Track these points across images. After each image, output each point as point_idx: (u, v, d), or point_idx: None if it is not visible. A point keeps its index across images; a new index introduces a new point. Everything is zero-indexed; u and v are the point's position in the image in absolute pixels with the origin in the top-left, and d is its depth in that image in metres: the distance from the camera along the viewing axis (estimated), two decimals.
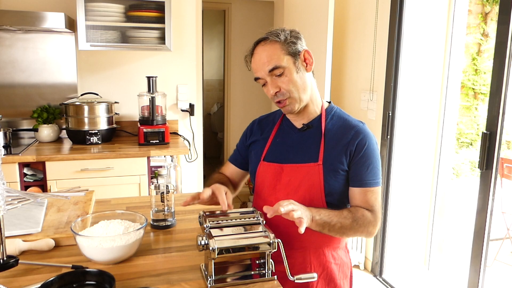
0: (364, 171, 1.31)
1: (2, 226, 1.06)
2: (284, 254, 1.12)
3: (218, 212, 1.23)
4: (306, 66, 1.33)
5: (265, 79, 1.31)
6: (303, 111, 1.37)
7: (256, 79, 1.33)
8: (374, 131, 3.03)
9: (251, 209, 1.26)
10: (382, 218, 3.06)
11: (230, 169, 1.56)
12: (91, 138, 2.86)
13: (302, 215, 1.14)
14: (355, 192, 1.33)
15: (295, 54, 1.30)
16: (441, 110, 3.00)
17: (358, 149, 1.31)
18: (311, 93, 1.35)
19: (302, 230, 1.12)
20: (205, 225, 1.15)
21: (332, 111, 1.40)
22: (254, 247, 1.11)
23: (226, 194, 1.27)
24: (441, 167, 3.08)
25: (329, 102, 1.44)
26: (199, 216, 1.21)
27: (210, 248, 1.06)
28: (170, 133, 3.12)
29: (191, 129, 3.44)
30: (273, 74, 1.29)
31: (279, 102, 1.32)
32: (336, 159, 1.31)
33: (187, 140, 3.37)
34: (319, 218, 1.22)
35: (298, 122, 1.40)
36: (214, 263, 1.09)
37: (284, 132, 1.42)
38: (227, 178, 1.55)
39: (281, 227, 1.32)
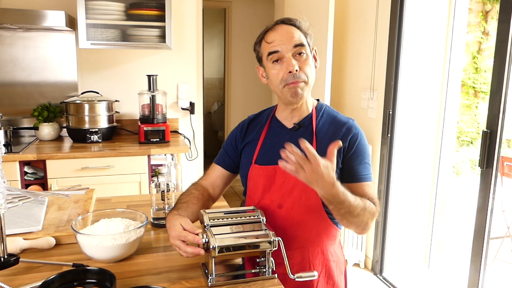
0: (358, 166, 1.30)
1: (3, 224, 1.06)
2: (284, 252, 1.13)
3: (218, 210, 1.23)
4: (314, 63, 1.35)
5: (284, 55, 1.27)
6: (297, 109, 1.36)
7: (271, 53, 1.29)
8: (375, 130, 3.04)
9: (251, 207, 1.26)
10: (383, 217, 3.07)
11: (217, 172, 1.47)
12: (92, 137, 2.86)
13: (298, 168, 1.07)
14: (352, 188, 1.28)
15: (310, 46, 1.32)
16: (442, 109, 3.00)
17: (351, 145, 1.31)
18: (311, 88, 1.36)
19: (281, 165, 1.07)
20: (205, 224, 1.15)
21: (321, 109, 1.39)
22: (255, 245, 1.11)
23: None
24: (441, 166, 3.08)
25: (318, 100, 1.44)
26: (200, 215, 1.21)
27: (211, 247, 1.06)
28: (171, 131, 3.12)
29: (192, 128, 3.44)
30: (296, 52, 1.28)
31: (292, 82, 1.28)
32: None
33: (187, 139, 3.37)
34: (343, 198, 1.14)
35: (289, 122, 1.38)
36: (214, 261, 1.09)
37: (274, 133, 1.40)
38: (198, 199, 1.37)
39: (279, 228, 1.32)
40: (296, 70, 1.27)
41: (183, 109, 3.38)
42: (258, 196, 1.37)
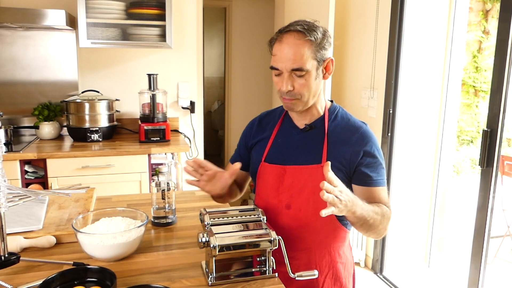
0: (371, 171, 1.29)
1: (3, 223, 1.06)
2: (285, 251, 1.13)
3: (218, 209, 1.23)
4: (325, 74, 1.30)
5: (282, 73, 1.26)
6: (306, 111, 1.34)
7: (272, 68, 1.29)
8: (375, 129, 3.03)
9: (251, 206, 1.26)
10: None
11: None
12: (92, 136, 2.86)
13: (336, 203, 1.09)
14: (366, 192, 1.29)
15: (320, 60, 1.26)
16: (442, 108, 3.00)
17: (366, 153, 1.28)
18: (318, 96, 1.33)
19: (323, 213, 1.07)
20: (206, 222, 1.15)
21: (335, 111, 1.37)
22: (255, 244, 1.11)
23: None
24: (441, 165, 3.08)
25: (331, 101, 1.42)
26: (200, 214, 1.22)
27: (211, 245, 1.06)
28: (171, 130, 3.12)
29: (192, 127, 3.44)
30: (293, 73, 1.24)
31: (285, 98, 1.29)
32: (340, 161, 1.28)
33: (187, 138, 3.37)
34: (360, 213, 1.18)
35: (300, 122, 1.37)
36: (215, 260, 1.09)
37: (285, 132, 1.39)
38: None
39: (286, 228, 1.32)
40: (290, 90, 1.26)
41: (183, 108, 3.38)
42: (266, 194, 1.38)
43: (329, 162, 1.12)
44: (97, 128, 2.87)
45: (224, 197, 1.48)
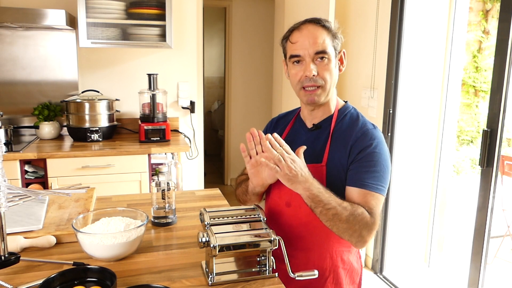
0: (364, 173, 1.23)
1: (3, 223, 1.06)
2: (285, 251, 1.12)
3: (218, 209, 1.23)
4: (339, 66, 1.34)
5: (305, 59, 1.27)
6: (319, 108, 1.35)
7: (292, 56, 1.29)
8: None
9: (251, 206, 1.26)
10: (383, 215, 3.07)
11: None
12: (92, 135, 2.86)
13: (283, 166, 1.15)
14: (353, 192, 1.24)
15: (336, 50, 1.30)
16: (442, 108, 3.00)
17: (362, 150, 1.25)
18: (333, 89, 1.35)
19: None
20: (205, 222, 1.15)
21: (345, 111, 1.36)
22: (255, 244, 1.11)
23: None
24: (441, 165, 3.08)
25: (346, 102, 1.41)
26: (200, 213, 1.22)
27: (211, 245, 1.06)
28: (171, 130, 3.12)
29: (192, 127, 3.44)
30: (316, 57, 1.27)
31: (308, 87, 1.28)
32: (339, 160, 1.27)
33: (187, 138, 3.37)
34: (316, 193, 1.17)
35: (310, 122, 1.38)
36: (215, 260, 1.09)
37: (295, 132, 1.40)
38: None
39: (286, 226, 1.32)
40: (314, 75, 1.27)
41: (183, 108, 3.39)
42: (271, 191, 1.39)
43: (304, 147, 1.22)
44: (97, 128, 2.87)
45: (255, 198, 1.44)
